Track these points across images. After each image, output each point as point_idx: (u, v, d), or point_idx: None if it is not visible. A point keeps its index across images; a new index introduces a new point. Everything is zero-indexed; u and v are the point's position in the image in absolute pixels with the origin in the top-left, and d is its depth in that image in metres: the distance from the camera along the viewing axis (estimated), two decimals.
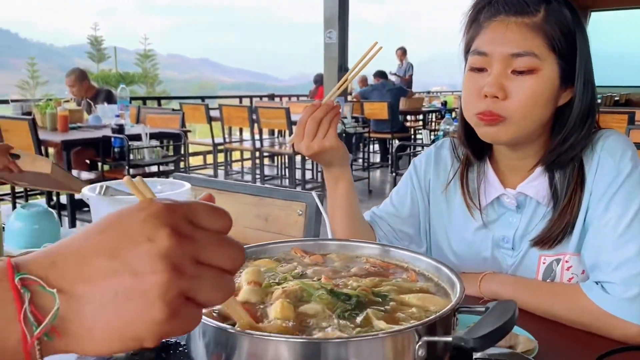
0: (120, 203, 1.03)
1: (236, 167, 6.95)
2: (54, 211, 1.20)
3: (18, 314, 0.34)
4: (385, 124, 6.79)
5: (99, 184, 1.05)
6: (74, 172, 3.87)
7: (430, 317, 0.49)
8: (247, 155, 6.35)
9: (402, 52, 10.12)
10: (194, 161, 7.06)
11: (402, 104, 7.57)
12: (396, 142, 7.40)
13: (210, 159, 6.67)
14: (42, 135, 3.58)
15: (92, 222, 0.39)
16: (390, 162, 7.44)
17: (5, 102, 4.80)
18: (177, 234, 0.36)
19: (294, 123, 5.35)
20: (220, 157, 6.22)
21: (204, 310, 0.39)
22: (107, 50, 21.82)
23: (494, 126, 0.88)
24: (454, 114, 7.95)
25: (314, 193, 1.11)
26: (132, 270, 0.35)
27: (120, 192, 1.05)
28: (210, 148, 5.96)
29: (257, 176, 6.04)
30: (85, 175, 4.13)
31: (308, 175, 6.24)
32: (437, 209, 1.08)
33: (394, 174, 4.76)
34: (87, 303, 0.35)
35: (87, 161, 4.48)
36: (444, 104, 8.48)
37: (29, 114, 4.16)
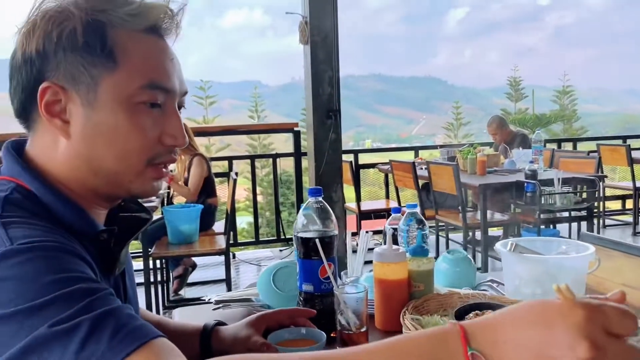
0: (528, 261, 1.15)
1: None
2: (471, 258, 1.42)
3: None
4: None
5: (509, 241, 1.20)
6: (489, 213, 4.18)
7: None
8: None
9: None
10: (612, 205, 6.53)
11: None
12: None
13: (630, 203, 6.06)
14: (463, 178, 4.02)
15: (522, 306, 0.50)
16: None
17: (435, 147, 5.57)
18: (595, 347, 0.45)
19: None
20: None
21: None
22: (524, 89, 22.30)
23: None
24: None
25: None
26: None
27: (528, 250, 1.18)
28: (631, 192, 5.43)
29: None
30: (498, 216, 4.40)
31: None
32: None
33: None
34: None
35: (501, 203, 4.77)
36: None
37: (453, 158, 4.73)
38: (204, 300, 1.34)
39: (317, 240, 1.06)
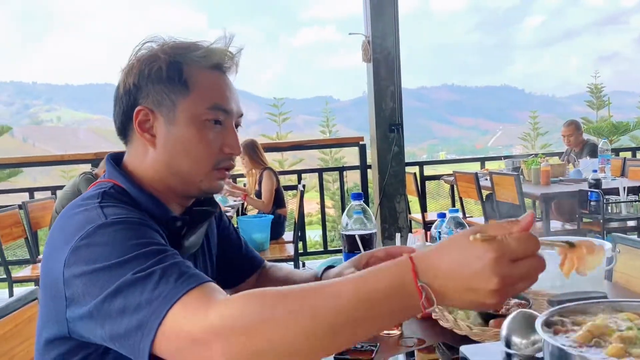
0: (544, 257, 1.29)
1: None
2: None
3: (419, 299, 0.67)
4: None
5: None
6: (552, 222, 4.19)
7: None
8: None
9: None
10: None
11: None
12: None
13: None
14: (526, 188, 4.06)
15: (451, 249, 0.67)
16: None
17: (499, 158, 5.60)
18: (502, 279, 0.64)
19: None
20: None
21: None
22: (606, 97, 21.32)
23: None
24: None
25: None
26: (475, 296, 0.66)
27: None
28: None
29: None
30: (568, 226, 4.38)
31: None
32: None
33: None
34: (448, 300, 0.68)
35: (565, 212, 4.73)
36: None
37: (518, 169, 4.76)
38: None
39: (357, 237, 1.26)
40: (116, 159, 1.00)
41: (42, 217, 4.17)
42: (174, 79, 0.93)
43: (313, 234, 11.02)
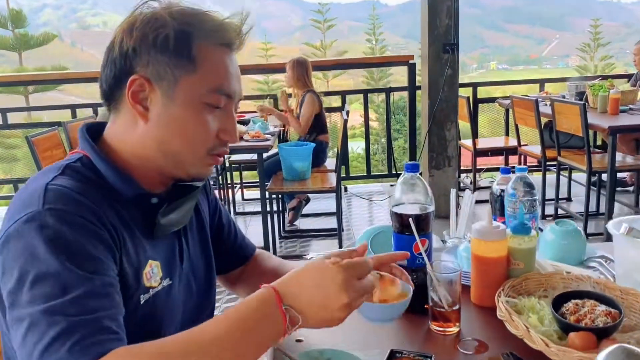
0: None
1: None
2: (582, 230, 1.34)
3: (284, 324, 0.75)
4: None
5: (623, 222, 1.12)
6: (620, 155, 3.84)
7: None
8: None
9: None
10: None
11: None
12: None
13: None
14: (591, 118, 3.66)
15: (307, 273, 0.80)
16: None
17: (563, 80, 5.15)
18: (350, 293, 0.77)
19: None
20: None
21: None
22: None
23: None
24: None
25: None
26: (330, 310, 0.77)
27: None
28: None
29: None
30: (629, 159, 4.02)
31: None
32: None
33: None
34: (308, 320, 0.77)
35: (633, 144, 4.34)
36: None
37: (582, 94, 4.34)
38: (307, 257, 1.43)
39: (410, 220, 1.06)
40: (94, 129, 0.92)
41: None
42: (181, 53, 0.83)
43: (355, 146, 10.84)
